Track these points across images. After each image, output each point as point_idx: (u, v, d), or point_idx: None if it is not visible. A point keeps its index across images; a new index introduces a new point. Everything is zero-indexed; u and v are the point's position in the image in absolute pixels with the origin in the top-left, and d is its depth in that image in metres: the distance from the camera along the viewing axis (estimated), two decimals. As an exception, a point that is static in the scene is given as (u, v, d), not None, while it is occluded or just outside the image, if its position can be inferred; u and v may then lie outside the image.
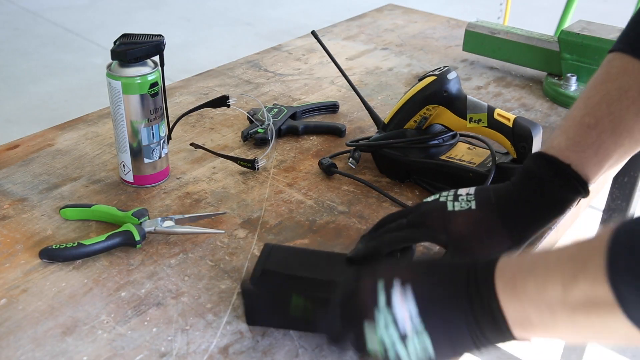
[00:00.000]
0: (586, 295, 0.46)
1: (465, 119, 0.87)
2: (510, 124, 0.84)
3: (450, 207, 0.68)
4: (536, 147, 0.84)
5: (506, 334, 0.51)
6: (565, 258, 0.49)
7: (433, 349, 0.53)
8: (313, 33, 1.04)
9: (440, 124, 0.91)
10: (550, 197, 0.68)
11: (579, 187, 0.67)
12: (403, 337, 0.54)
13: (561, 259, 0.49)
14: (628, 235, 0.45)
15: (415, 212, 0.70)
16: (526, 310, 0.50)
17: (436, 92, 0.88)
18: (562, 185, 0.67)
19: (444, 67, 0.90)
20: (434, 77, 0.89)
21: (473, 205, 0.68)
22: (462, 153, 0.90)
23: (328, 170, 0.93)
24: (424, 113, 0.89)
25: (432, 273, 0.56)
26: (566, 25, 2.32)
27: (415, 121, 0.90)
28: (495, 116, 0.85)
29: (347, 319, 0.58)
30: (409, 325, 0.53)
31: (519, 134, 0.83)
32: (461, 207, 0.68)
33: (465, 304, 0.52)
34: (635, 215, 0.47)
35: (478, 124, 0.86)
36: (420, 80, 0.91)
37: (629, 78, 0.66)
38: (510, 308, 0.50)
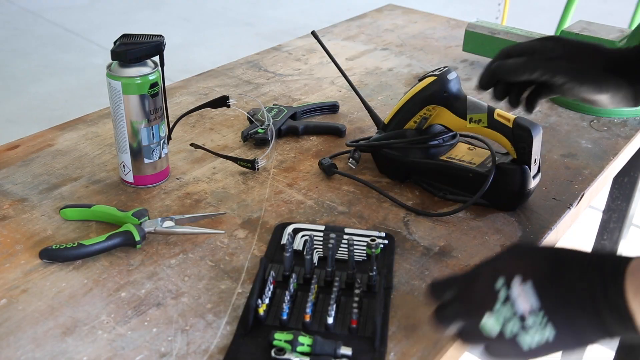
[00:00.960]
0: None
1: (466, 119, 0.87)
2: (510, 125, 0.84)
3: None
4: (536, 147, 0.84)
5: (635, 334, 0.51)
6: None
7: (555, 339, 0.54)
8: (313, 33, 1.04)
9: (440, 124, 0.91)
10: None
11: None
12: (524, 328, 0.54)
13: None
14: None
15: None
16: None
17: (436, 93, 0.88)
18: None
19: (444, 67, 0.90)
20: (434, 78, 0.89)
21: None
22: (462, 153, 0.90)
23: (328, 170, 0.93)
24: (424, 113, 0.89)
25: (556, 272, 0.55)
26: (566, 25, 2.32)
27: (415, 121, 0.90)
28: (495, 116, 0.85)
29: (465, 315, 0.59)
30: (531, 320, 0.54)
31: (519, 134, 0.83)
32: None
33: (592, 305, 0.52)
34: None
35: (478, 124, 0.86)
36: (420, 80, 0.91)
37: None
38: None
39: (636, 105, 0.77)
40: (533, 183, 0.86)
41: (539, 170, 0.88)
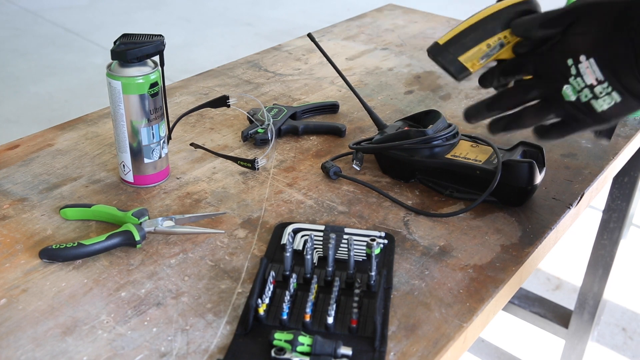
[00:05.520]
0: None
1: None
2: None
3: None
4: None
5: None
6: None
7: (621, 101, 0.65)
8: (309, 35, 1.03)
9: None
10: None
11: None
12: (594, 95, 0.66)
13: None
14: None
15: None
16: None
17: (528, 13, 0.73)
18: None
19: None
20: None
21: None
22: (467, 151, 0.90)
23: (334, 175, 0.93)
24: (504, 38, 0.74)
25: (611, 42, 0.64)
26: (566, 25, 2.31)
27: (488, 45, 0.75)
28: None
29: (545, 86, 0.69)
30: (599, 89, 0.65)
31: None
32: None
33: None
34: None
35: None
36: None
37: None
38: None
39: None
40: (539, 177, 0.86)
41: (544, 165, 0.88)
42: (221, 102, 0.97)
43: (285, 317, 0.66)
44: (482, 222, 0.84)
